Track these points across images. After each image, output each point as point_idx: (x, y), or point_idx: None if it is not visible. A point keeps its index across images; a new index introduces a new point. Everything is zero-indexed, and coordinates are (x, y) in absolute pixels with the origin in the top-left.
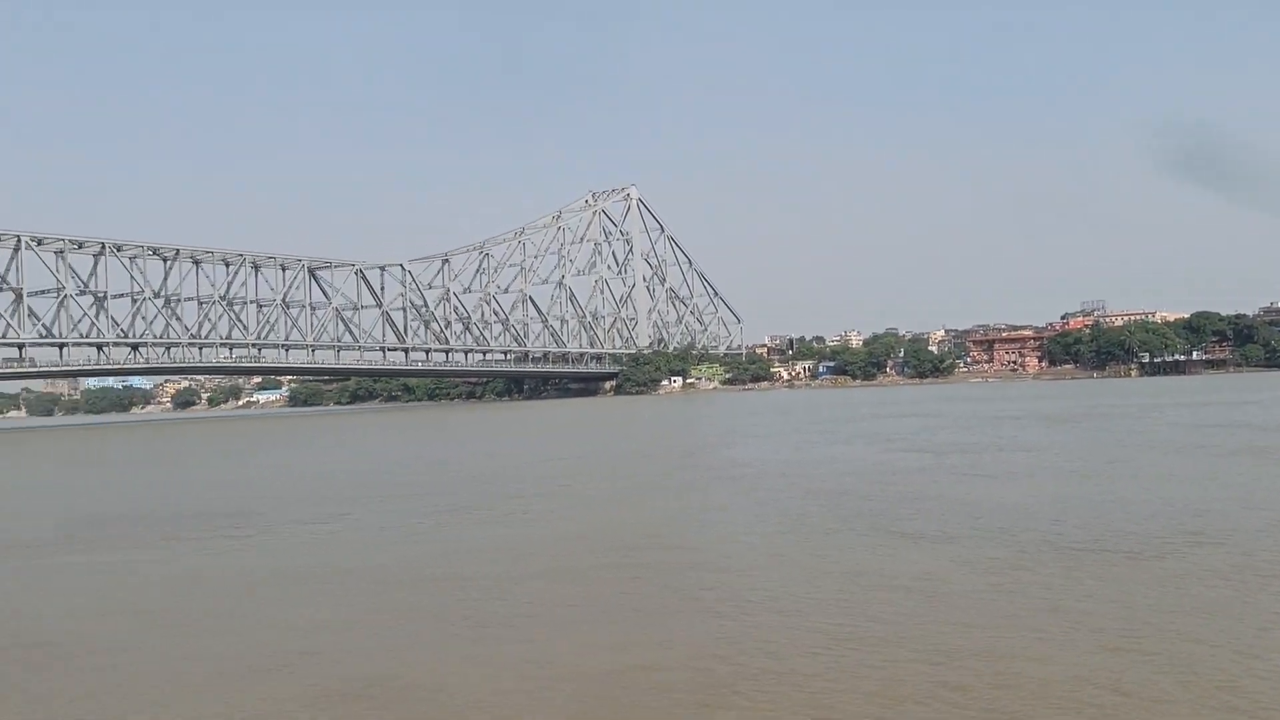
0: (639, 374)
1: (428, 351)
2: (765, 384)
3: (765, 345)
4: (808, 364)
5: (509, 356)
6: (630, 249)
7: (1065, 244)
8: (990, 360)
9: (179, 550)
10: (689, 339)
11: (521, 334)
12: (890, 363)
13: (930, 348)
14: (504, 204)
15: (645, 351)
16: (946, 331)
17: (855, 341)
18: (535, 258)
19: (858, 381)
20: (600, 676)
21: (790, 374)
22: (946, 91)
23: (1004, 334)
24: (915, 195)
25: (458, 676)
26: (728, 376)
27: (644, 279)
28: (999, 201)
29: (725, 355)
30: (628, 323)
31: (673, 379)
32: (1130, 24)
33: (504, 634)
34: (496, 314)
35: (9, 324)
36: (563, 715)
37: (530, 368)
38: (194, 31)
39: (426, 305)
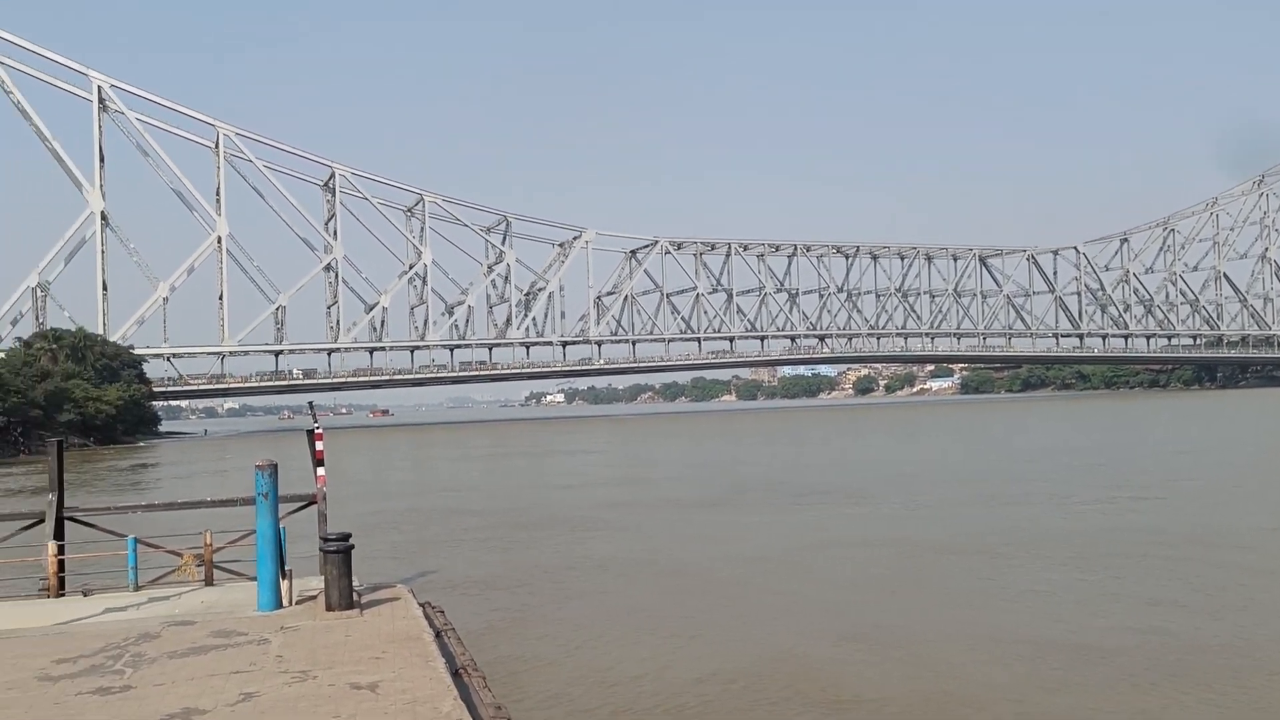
0: None
1: (1104, 337)
2: None
3: None
4: None
5: (1198, 341)
6: None
7: None
8: None
9: (790, 516)
10: None
11: (1214, 316)
12: None
13: None
14: (1190, 175)
15: None
16: None
17: None
18: (1231, 230)
19: None
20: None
21: None
22: None
23: None
24: None
25: (938, 634)
26: None
27: None
28: None
29: None
30: None
31: None
32: None
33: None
34: (1183, 295)
35: (723, 319)
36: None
37: (1225, 353)
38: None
39: (1103, 288)
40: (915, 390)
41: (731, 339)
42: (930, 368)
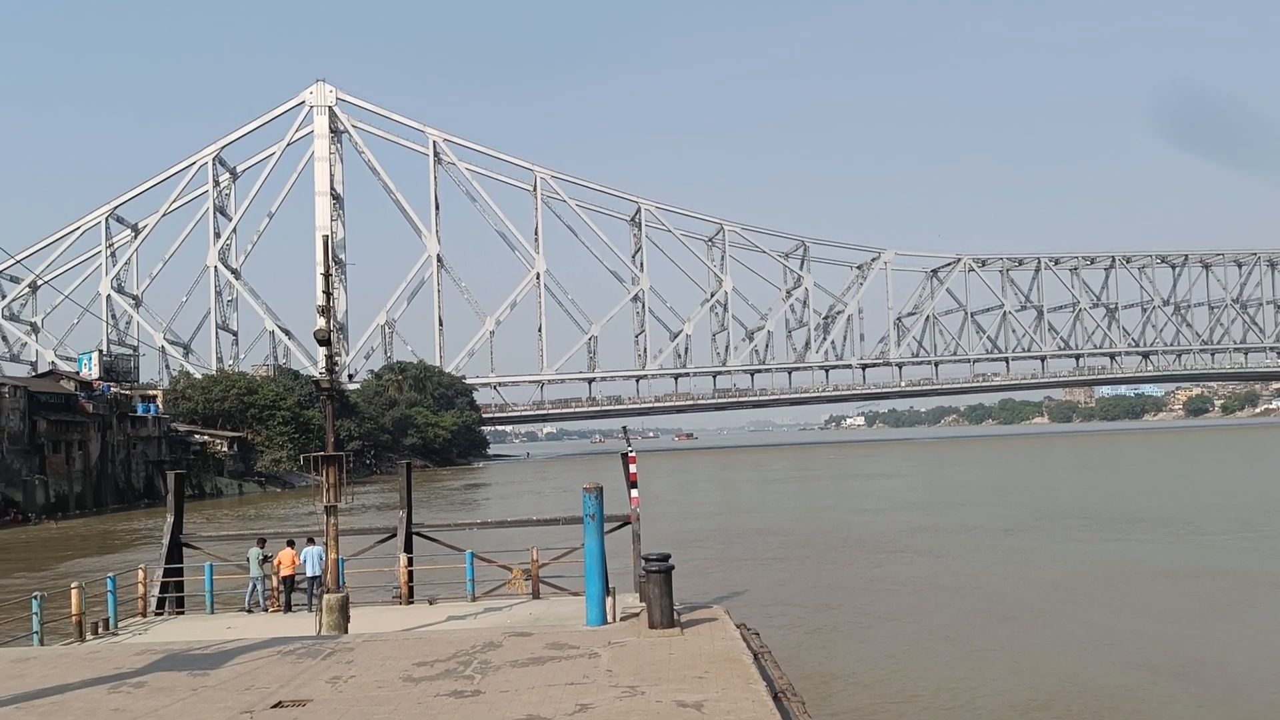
0: None
1: None
2: None
3: None
4: None
5: None
6: None
7: None
8: None
9: (1101, 544)
10: None
11: None
12: None
13: None
14: None
15: None
16: None
17: None
18: None
19: None
20: None
21: None
22: None
23: None
24: None
25: (1260, 673)
26: None
27: None
28: None
29: None
30: None
31: None
32: None
33: None
34: None
35: (1033, 338)
36: None
37: None
38: None
39: None
40: (1259, 411)
41: (1043, 358)
42: (1277, 386)
